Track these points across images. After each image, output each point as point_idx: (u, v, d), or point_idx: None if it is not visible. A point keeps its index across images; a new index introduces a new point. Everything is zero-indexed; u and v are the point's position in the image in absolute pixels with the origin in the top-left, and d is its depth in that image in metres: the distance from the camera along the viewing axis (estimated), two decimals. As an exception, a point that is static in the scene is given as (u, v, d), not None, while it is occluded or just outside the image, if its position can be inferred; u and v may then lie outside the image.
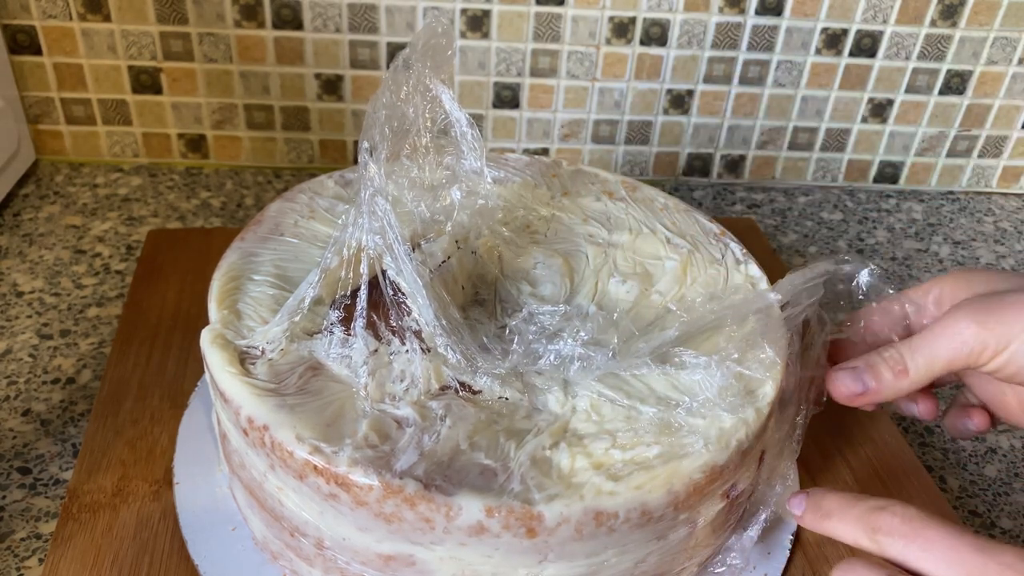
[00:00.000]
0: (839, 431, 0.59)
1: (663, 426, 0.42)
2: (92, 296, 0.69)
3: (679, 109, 0.90)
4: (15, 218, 0.79)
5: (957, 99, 0.91)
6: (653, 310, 0.51)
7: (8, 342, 0.64)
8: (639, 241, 0.56)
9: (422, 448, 0.40)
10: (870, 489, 0.55)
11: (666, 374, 0.45)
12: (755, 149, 0.93)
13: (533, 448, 0.41)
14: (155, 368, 0.59)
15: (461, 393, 0.44)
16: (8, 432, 0.57)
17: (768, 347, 0.47)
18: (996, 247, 0.88)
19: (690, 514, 0.42)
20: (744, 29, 0.85)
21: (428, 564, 0.40)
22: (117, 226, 0.79)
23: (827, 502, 0.39)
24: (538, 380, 0.45)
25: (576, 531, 0.39)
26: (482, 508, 0.38)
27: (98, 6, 0.80)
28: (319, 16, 0.82)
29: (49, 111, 0.85)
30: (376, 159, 0.45)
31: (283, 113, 0.87)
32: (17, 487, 0.53)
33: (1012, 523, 0.57)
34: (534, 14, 0.83)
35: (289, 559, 0.45)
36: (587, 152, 0.92)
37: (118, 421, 0.55)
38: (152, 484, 0.51)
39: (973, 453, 0.63)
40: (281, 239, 0.53)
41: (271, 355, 0.45)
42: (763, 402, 0.45)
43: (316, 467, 0.39)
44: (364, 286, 0.46)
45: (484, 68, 0.86)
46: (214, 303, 0.48)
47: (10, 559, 0.49)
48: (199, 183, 0.87)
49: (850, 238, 0.87)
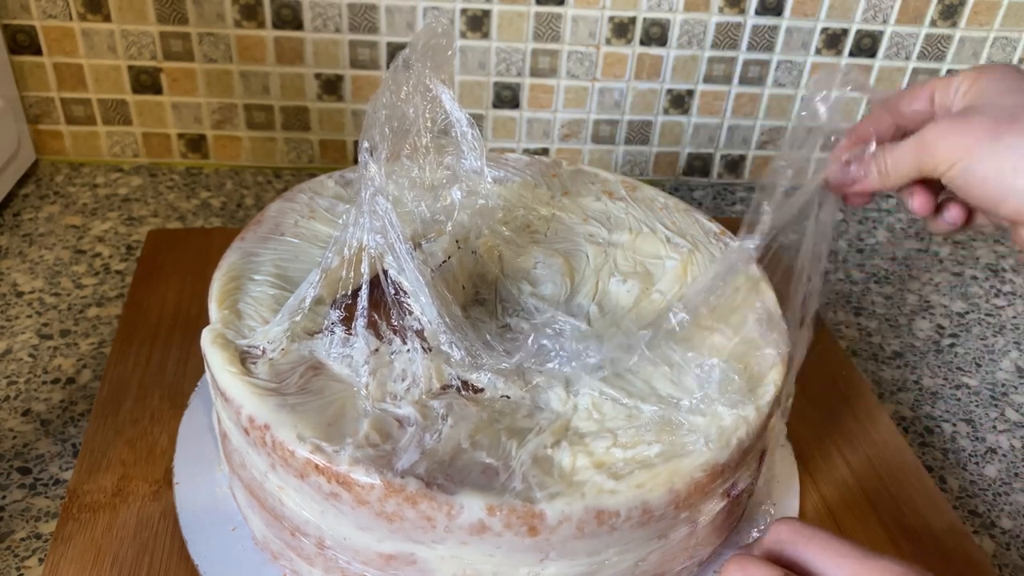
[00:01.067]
0: (839, 431, 0.59)
1: (664, 424, 0.42)
2: (92, 296, 0.69)
3: (679, 109, 0.90)
4: (15, 218, 0.79)
5: (957, 99, 0.91)
6: (654, 309, 0.51)
7: (8, 342, 0.64)
8: (639, 241, 0.56)
9: (423, 447, 0.40)
10: (870, 489, 0.55)
11: (664, 363, 0.45)
12: (755, 149, 0.93)
13: (534, 447, 0.41)
14: (155, 368, 0.59)
15: (462, 392, 0.44)
16: (8, 432, 0.57)
17: (768, 347, 0.48)
18: (996, 247, 0.88)
19: (691, 513, 0.42)
20: (744, 29, 0.85)
21: (429, 563, 0.40)
22: (117, 226, 0.79)
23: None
24: (540, 378, 0.45)
25: (577, 530, 0.39)
26: (483, 507, 0.38)
27: (98, 6, 0.80)
28: (319, 16, 0.82)
29: (49, 111, 0.85)
30: (376, 159, 0.45)
31: (283, 113, 0.87)
32: (17, 487, 0.53)
33: (1012, 523, 0.57)
34: (534, 14, 0.83)
35: (289, 559, 0.45)
36: (587, 152, 0.92)
37: (118, 421, 0.55)
38: (152, 484, 0.51)
39: (973, 453, 0.63)
40: (281, 239, 0.53)
41: (272, 355, 0.45)
42: (763, 400, 0.45)
43: (317, 466, 0.39)
44: (365, 285, 0.46)
45: (484, 68, 0.86)
46: (214, 303, 0.48)
47: (10, 559, 0.49)
48: (199, 183, 0.87)
49: (850, 238, 0.88)
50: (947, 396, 0.68)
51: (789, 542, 0.36)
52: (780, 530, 0.37)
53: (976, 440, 0.64)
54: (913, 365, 0.71)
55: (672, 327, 0.46)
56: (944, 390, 0.68)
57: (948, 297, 0.80)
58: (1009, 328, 0.76)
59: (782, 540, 0.36)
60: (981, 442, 0.64)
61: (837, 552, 0.35)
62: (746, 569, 0.35)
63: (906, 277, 0.82)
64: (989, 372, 0.70)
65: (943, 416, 0.66)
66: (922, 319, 0.76)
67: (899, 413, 0.66)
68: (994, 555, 0.55)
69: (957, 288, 0.81)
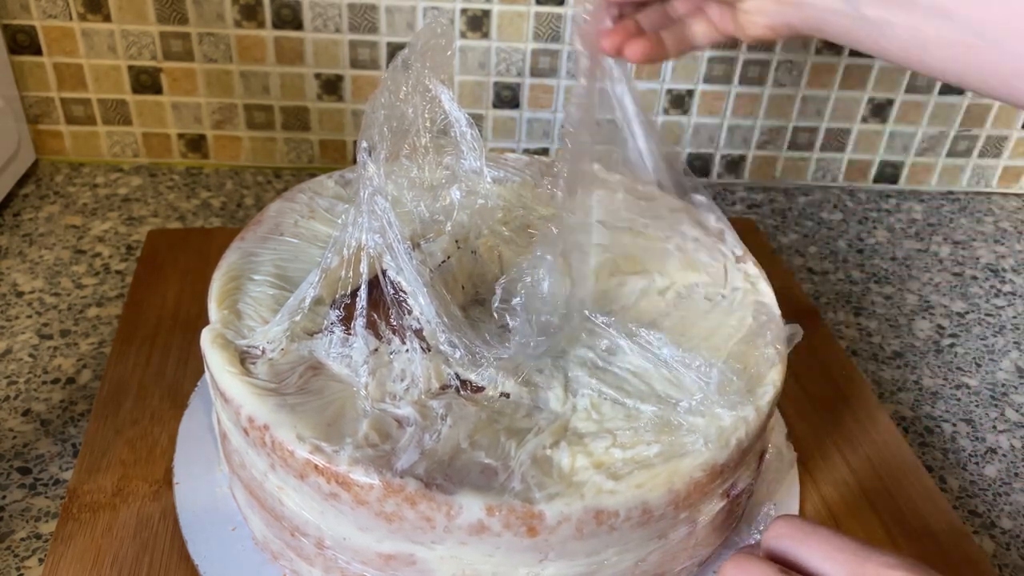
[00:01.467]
0: (839, 431, 0.59)
1: (663, 425, 0.42)
2: (92, 296, 0.69)
3: (679, 109, 0.90)
4: (15, 218, 0.79)
5: (957, 99, 0.91)
6: (653, 309, 0.51)
7: (8, 342, 0.64)
8: (639, 241, 0.56)
9: (423, 447, 0.40)
10: (870, 489, 0.55)
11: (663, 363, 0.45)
12: (755, 149, 0.93)
13: (534, 447, 0.41)
14: (155, 368, 0.59)
15: (462, 392, 0.44)
16: (8, 432, 0.57)
17: (768, 347, 0.48)
18: (996, 247, 0.88)
19: (690, 513, 0.42)
20: (744, 29, 0.85)
21: (428, 563, 0.40)
22: (117, 226, 0.79)
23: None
24: (539, 378, 0.45)
25: (577, 530, 0.39)
26: (483, 507, 0.38)
27: (98, 6, 0.80)
28: (319, 16, 0.82)
29: (49, 111, 0.85)
30: (375, 159, 0.45)
31: (283, 113, 0.87)
32: (17, 487, 0.53)
33: (1012, 523, 0.57)
34: (534, 14, 0.83)
35: (289, 559, 0.45)
36: (587, 152, 0.92)
37: (118, 421, 0.55)
38: (152, 484, 0.51)
39: (973, 453, 0.63)
40: (281, 239, 0.53)
41: (271, 355, 0.45)
42: (763, 401, 0.45)
43: (317, 466, 0.39)
44: (364, 285, 0.46)
45: (484, 68, 0.86)
46: (214, 303, 0.48)
47: (10, 559, 0.49)
48: (199, 183, 0.87)
49: (850, 238, 0.88)
50: (947, 396, 0.68)
51: (788, 537, 0.36)
52: (779, 526, 0.37)
53: (976, 440, 0.64)
54: (913, 365, 0.71)
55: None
56: (944, 390, 0.68)
57: (948, 297, 0.79)
58: (1009, 328, 0.76)
59: (781, 536, 0.36)
60: (981, 442, 0.64)
61: (836, 548, 0.35)
62: (743, 568, 0.35)
63: (906, 277, 0.82)
64: (989, 372, 0.70)
65: (943, 416, 0.66)
66: (922, 319, 0.76)
67: (899, 413, 0.66)
68: (994, 555, 0.55)
69: (957, 288, 0.81)
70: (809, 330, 0.50)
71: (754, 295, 0.52)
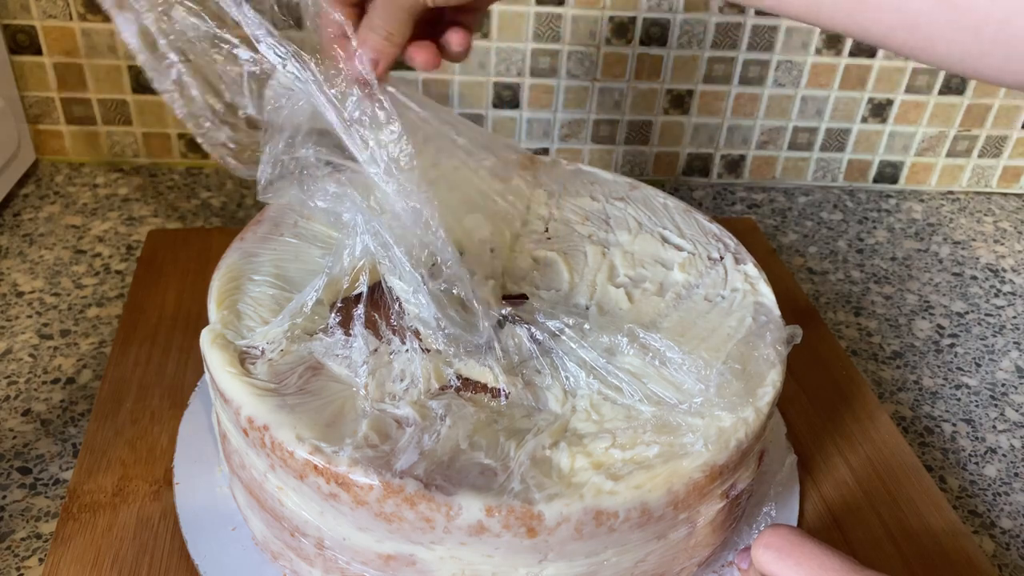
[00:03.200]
0: (839, 431, 0.59)
1: (663, 425, 0.42)
2: (92, 296, 0.69)
3: (679, 109, 0.90)
4: (15, 218, 0.79)
5: (957, 99, 0.91)
6: (652, 309, 0.51)
7: (8, 342, 0.64)
8: (638, 241, 0.56)
9: (422, 448, 0.40)
10: (870, 489, 0.55)
11: (663, 364, 0.45)
12: (755, 149, 0.93)
13: (533, 448, 0.41)
14: (155, 368, 0.59)
15: (461, 393, 0.44)
16: (8, 432, 0.57)
17: (767, 348, 0.47)
18: (996, 247, 0.88)
19: (690, 513, 0.42)
20: (744, 29, 0.85)
21: (428, 564, 0.40)
22: (117, 226, 0.79)
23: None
24: (538, 379, 0.45)
25: (576, 531, 0.39)
26: (482, 508, 0.38)
27: (98, 6, 0.80)
28: (319, 16, 0.81)
29: (49, 111, 0.85)
30: None
31: (283, 113, 0.87)
32: (17, 487, 0.53)
33: (1012, 523, 0.57)
34: (534, 14, 0.83)
35: (289, 559, 0.45)
36: (587, 152, 0.92)
37: (118, 421, 0.55)
38: (152, 484, 0.51)
39: (973, 453, 0.63)
40: (281, 239, 0.53)
41: (271, 355, 0.45)
42: (763, 402, 0.45)
43: (316, 467, 0.39)
44: (364, 286, 0.46)
45: (484, 68, 0.86)
46: (214, 303, 0.48)
47: (10, 559, 0.49)
48: (199, 183, 0.87)
49: (850, 238, 0.87)
50: (947, 396, 0.68)
51: (775, 549, 0.36)
52: (768, 536, 0.37)
53: (976, 440, 0.64)
54: (913, 365, 0.71)
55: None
56: (944, 390, 0.68)
57: (948, 297, 0.79)
58: (1009, 328, 0.76)
59: (769, 546, 0.36)
60: (981, 442, 0.64)
61: (819, 565, 0.35)
62: None
63: (906, 277, 0.82)
64: (989, 372, 0.70)
65: (943, 416, 0.66)
66: (922, 319, 0.76)
67: (899, 413, 0.66)
68: (994, 555, 0.55)
69: (957, 288, 0.81)
70: (809, 330, 0.50)
71: (754, 296, 0.52)
